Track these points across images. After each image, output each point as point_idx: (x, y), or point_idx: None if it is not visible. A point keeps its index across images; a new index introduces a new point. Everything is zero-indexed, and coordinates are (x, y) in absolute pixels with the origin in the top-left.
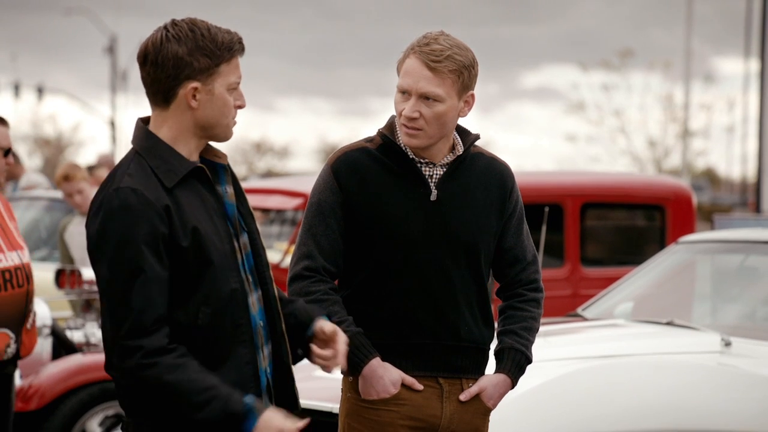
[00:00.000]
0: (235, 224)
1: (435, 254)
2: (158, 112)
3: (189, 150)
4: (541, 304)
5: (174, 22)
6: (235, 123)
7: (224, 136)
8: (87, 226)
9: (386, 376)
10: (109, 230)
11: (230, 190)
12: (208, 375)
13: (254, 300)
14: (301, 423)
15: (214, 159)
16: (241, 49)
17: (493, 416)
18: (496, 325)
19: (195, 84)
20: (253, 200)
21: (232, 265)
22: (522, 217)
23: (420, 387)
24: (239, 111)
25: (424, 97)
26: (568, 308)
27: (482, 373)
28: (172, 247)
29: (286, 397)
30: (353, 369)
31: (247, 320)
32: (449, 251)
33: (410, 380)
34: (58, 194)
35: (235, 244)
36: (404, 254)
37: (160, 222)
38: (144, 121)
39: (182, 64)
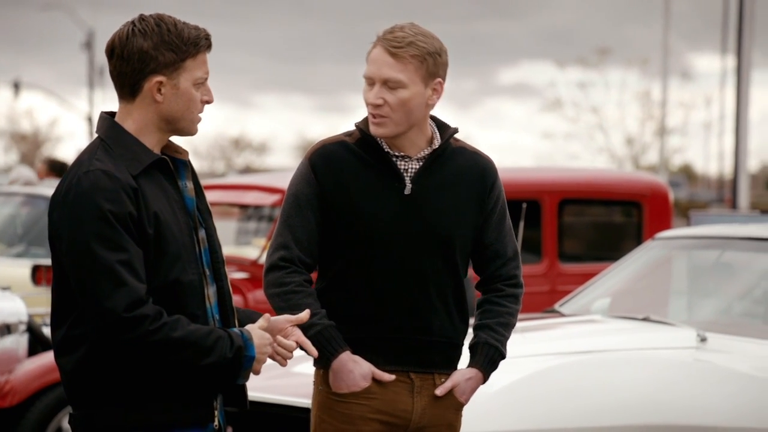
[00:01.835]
0: (194, 218)
1: (407, 249)
2: (124, 105)
3: (152, 143)
4: (520, 300)
5: (141, 17)
6: (200, 119)
7: (189, 131)
8: (52, 211)
9: (356, 369)
10: (86, 211)
11: (190, 185)
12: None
13: (210, 294)
14: (263, 321)
15: (174, 155)
16: (208, 45)
17: (471, 412)
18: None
19: (160, 78)
20: (230, 196)
21: (191, 257)
22: (504, 213)
23: (390, 378)
24: (218, 108)
25: (387, 84)
26: (546, 304)
27: (454, 368)
28: (139, 231)
29: (235, 391)
30: (323, 362)
31: (203, 312)
32: (423, 246)
33: (380, 374)
34: (35, 190)
35: (195, 236)
36: (376, 249)
37: (130, 203)
38: (109, 115)
39: (147, 58)
